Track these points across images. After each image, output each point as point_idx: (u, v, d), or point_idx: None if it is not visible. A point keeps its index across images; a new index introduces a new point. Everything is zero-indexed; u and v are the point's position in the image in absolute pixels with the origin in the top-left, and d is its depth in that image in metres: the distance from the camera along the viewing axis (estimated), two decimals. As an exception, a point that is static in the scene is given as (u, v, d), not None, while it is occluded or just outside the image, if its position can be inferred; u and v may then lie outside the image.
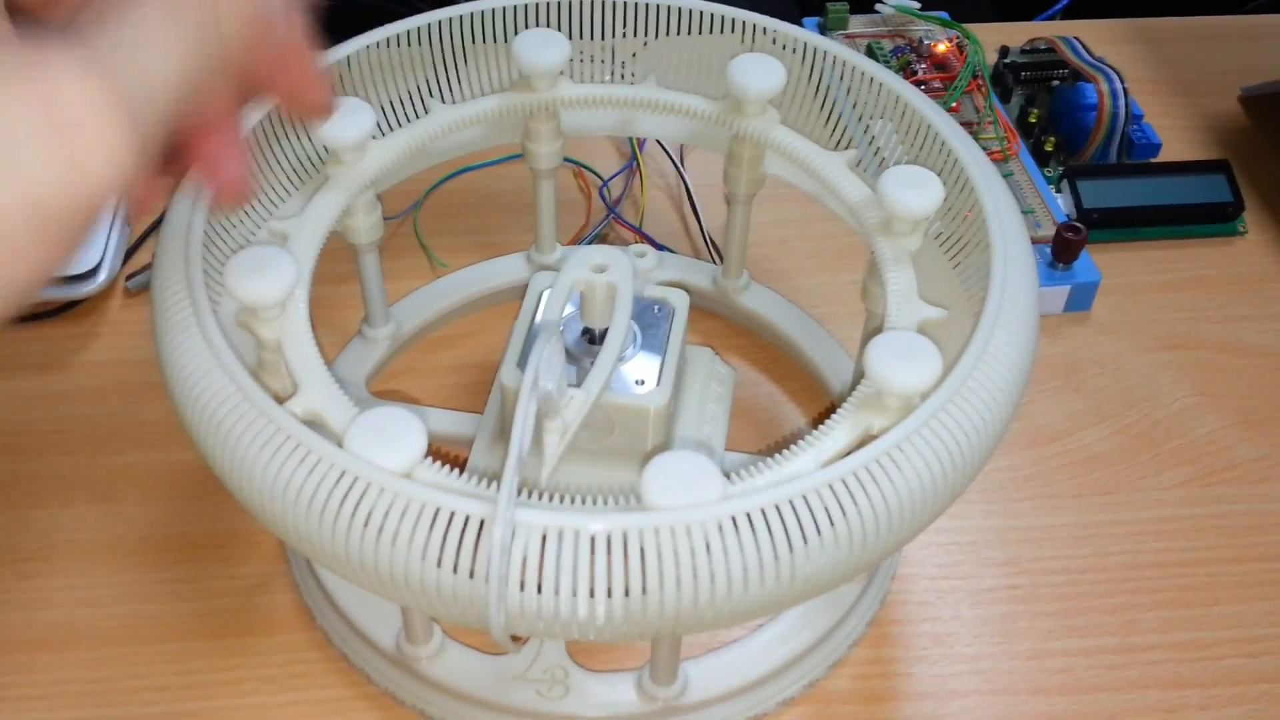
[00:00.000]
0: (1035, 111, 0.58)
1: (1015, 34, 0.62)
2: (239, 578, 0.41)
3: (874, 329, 0.40)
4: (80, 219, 0.21)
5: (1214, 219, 0.55)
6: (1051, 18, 0.70)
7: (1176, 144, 0.60)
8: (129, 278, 0.51)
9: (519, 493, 0.28)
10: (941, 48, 0.60)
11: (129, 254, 0.52)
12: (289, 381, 0.32)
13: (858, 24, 0.62)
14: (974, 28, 0.59)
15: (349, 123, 0.38)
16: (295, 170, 0.40)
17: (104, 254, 0.49)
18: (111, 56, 0.21)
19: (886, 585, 0.41)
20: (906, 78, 0.58)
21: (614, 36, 0.43)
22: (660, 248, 0.52)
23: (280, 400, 0.31)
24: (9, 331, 0.49)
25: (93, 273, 0.49)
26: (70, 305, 0.50)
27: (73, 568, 0.42)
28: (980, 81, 0.57)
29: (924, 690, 0.39)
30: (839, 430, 0.32)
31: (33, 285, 0.22)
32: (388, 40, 0.41)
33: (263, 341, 0.33)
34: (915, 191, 0.36)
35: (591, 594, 0.27)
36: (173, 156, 0.28)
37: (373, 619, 0.38)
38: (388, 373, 0.48)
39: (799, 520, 0.28)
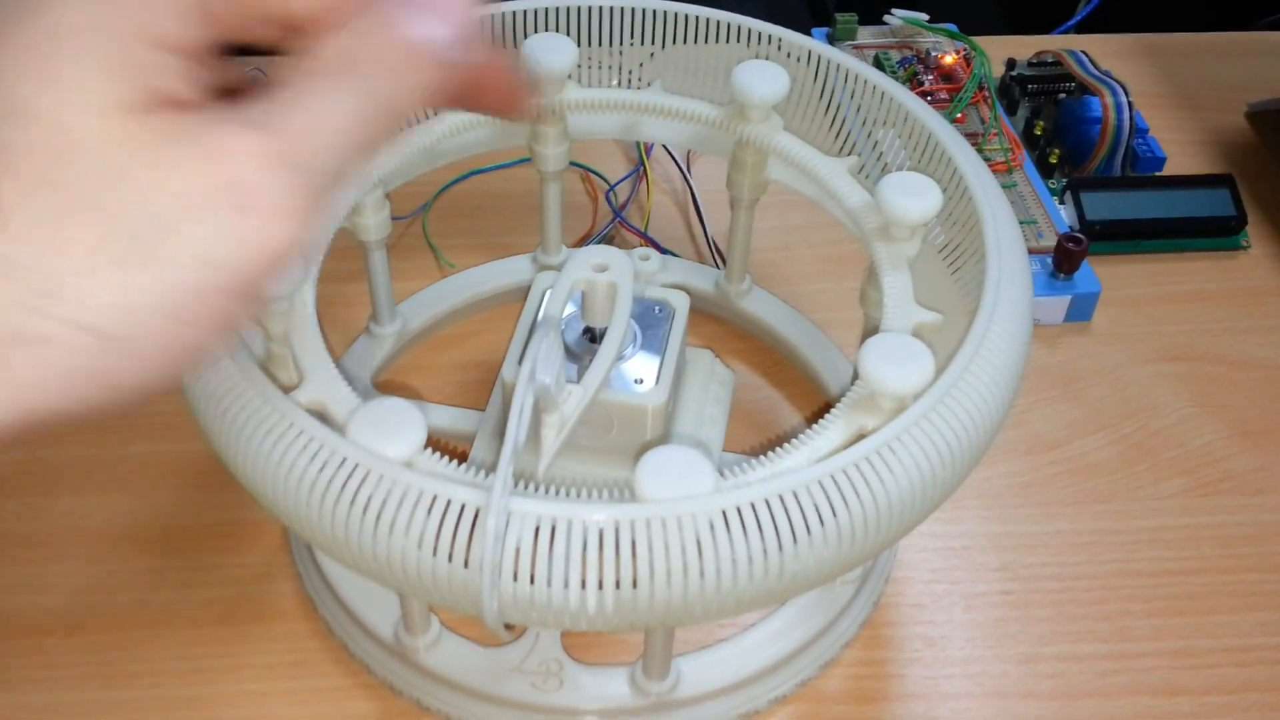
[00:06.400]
0: (1041, 124, 0.59)
1: (1023, 47, 0.63)
2: (243, 567, 0.42)
3: (871, 332, 0.41)
4: (253, 286, 0.22)
5: (1216, 233, 0.55)
6: (1066, 32, 0.71)
7: (1182, 158, 0.60)
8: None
9: (514, 484, 0.28)
10: (949, 59, 0.60)
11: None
12: (295, 373, 0.33)
13: (866, 35, 0.63)
14: (982, 41, 0.60)
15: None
16: (306, 168, 0.40)
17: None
18: (289, 133, 0.22)
19: (880, 587, 0.42)
20: (913, 89, 0.59)
21: (623, 43, 0.44)
22: (665, 251, 0.53)
23: (286, 391, 0.31)
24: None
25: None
26: (84, 298, 0.50)
27: (80, 554, 0.42)
28: (986, 93, 0.58)
29: (915, 691, 0.40)
30: (832, 429, 0.32)
31: (206, 348, 0.23)
32: (399, 42, 0.42)
33: (270, 334, 0.34)
34: (912, 197, 0.36)
35: (583, 584, 0.28)
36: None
37: (372, 609, 0.39)
38: (394, 369, 0.49)
39: (788, 515, 0.29)
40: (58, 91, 0.21)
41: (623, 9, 0.43)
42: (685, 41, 0.44)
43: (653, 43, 0.44)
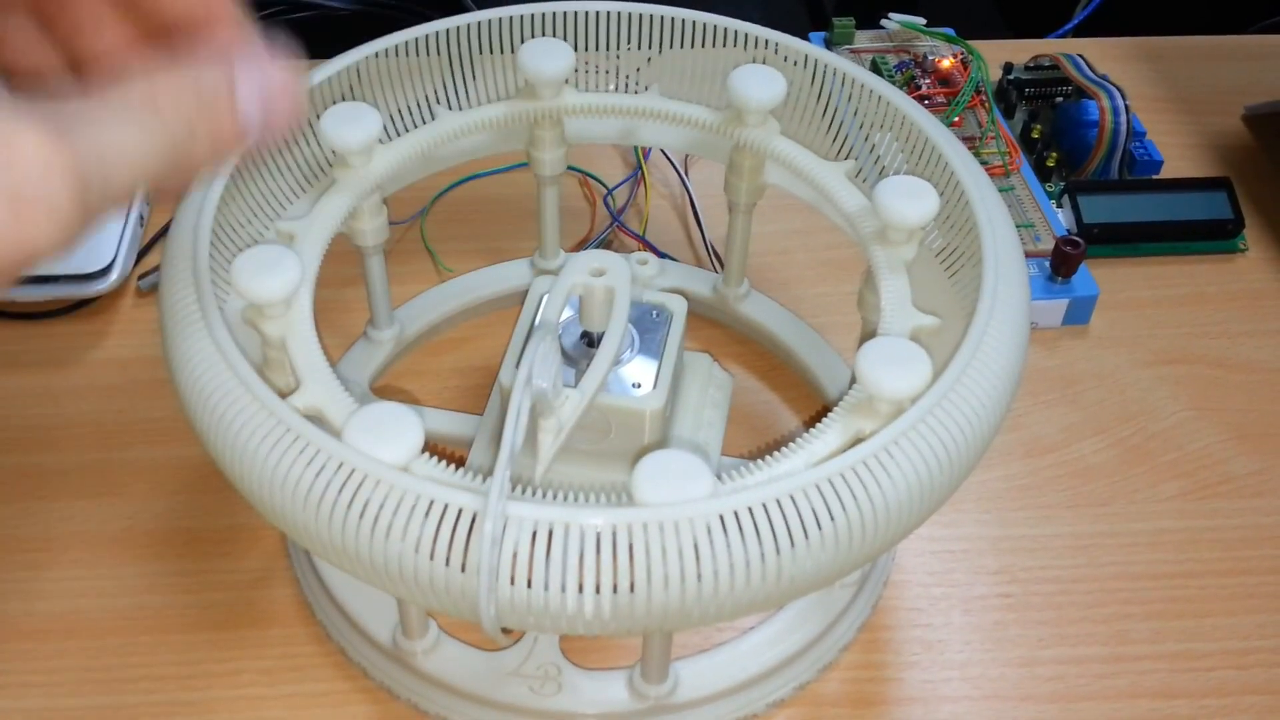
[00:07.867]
0: (1038, 127, 0.59)
1: (1020, 51, 0.63)
2: (240, 571, 0.42)
3: (869, 336, 0.41)
4: (9, 271, 0.22)
5: (1214, 236, 0.55)
6: (1064, 36, 0.71)
7: (1179, 161, 0.60)
8: (141, 277, 0.51)
9: (512, 488, 0.28)
10: (946, 63, 0.61)
11: (142, 254, 0.52)
12: (292, 378, 0.33)
13: (863, 39, 0.63)
14: (980, 44, 0.60)
15: (356, 127, 0.39)
16: (303, 173, 0.40)
17: (116, 253, 0.50)
18: (81, 145, 0.22)
19: (879, 591, 0.42)
20: (910, 93, 0.59)
21: (619, 47, 0.44)
22: (663, 255, 0.53)
23: (283, 395, 0.31)
24: (21, 328, 0.50)
25: (105, 272, 0.50)
26: (82, 304, 0.50)
27: (77, 559, 0.42)
28: (983, 97, 0.58)
29: (913, 695, 0.40)
30: (830, 433, 0.32)
31: None
32: (397, 48, 0.42)
33: (267, 338, 0.34)
34: (910, 201, 0.36)
35: (580, 589, 0.28)
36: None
37: (370, 614, 0.39)
38: (391, 374, 0.49)
39: (786, 519, 0.29)
40: None
41: (619, 14, 0.43)
42: (682, 46, 0.44)
43: (649, 47, 0.44)
